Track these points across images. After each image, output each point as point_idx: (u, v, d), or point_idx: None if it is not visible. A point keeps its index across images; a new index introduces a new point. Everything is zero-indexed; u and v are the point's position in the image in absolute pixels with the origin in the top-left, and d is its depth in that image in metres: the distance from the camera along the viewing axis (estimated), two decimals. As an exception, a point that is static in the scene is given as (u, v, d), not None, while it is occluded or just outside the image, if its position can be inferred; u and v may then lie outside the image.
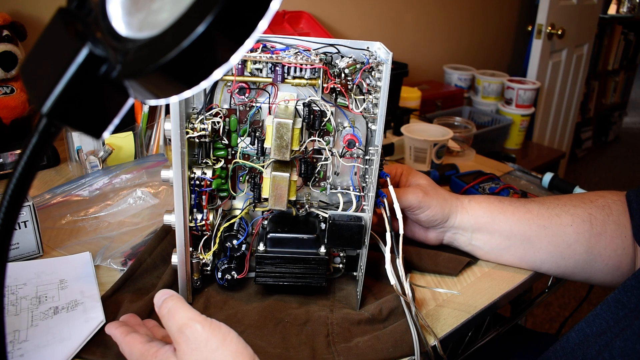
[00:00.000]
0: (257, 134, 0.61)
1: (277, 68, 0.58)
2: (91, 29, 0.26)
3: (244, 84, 0.59)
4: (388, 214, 0.61)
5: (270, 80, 0.59)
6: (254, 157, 0.62)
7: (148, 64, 0.23)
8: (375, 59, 0.58)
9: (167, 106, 0.56)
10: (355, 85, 0.59)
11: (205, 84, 0.25)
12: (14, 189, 0.27)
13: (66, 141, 0.94)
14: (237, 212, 0.64)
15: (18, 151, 0.93)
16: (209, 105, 0.59)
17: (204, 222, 0.61)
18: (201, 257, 0.62)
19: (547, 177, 1.00)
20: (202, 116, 0.57)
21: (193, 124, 0.57)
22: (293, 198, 0.61)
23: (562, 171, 2.55)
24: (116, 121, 0.28)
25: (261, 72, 0.59)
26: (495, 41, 2.45)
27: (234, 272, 0.63)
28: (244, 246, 0.63)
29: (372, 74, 0.59)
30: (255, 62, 0.58)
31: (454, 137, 1.22)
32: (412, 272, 0.72)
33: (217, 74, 0.24)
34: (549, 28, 2.13)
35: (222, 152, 0.61)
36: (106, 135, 0.28)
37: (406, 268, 0.67)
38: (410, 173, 0.74)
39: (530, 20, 2.28)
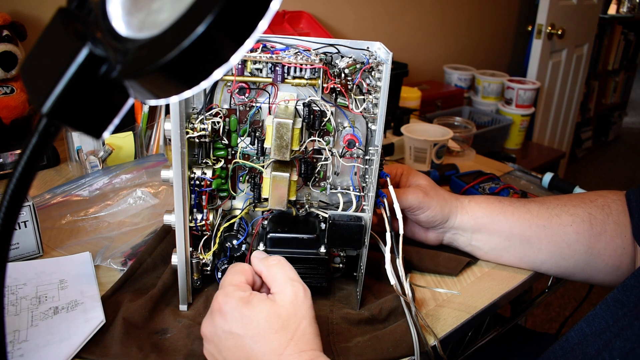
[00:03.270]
0: (257, 134, 0.61)
1: (277, 68, 0.58)
2: (91, 29, 0.26)
3: (244, 84, 0.59)
4: (388, 214, 0.61)
5: (270, 80, 0.59)
6: (254, 157, 0.62)
7: (148, 64, 0.23)
8: (375, 59, 0.58)
9: (167, 106, 0.56)
10: (355, 85, 0.59)
11: (206, 84, 0.25)
12: (14, 189, 0.27)
13: (66, 141, 0.94)
14: (237, 212, 0.64)
15: (18, 151, 0.93)
16: (209, 105, 0.59)
17: (204, 222, 0.61)
18: (201, 257, 0.62)
19: (547, 177, 1.00)
20: (202, 116, 0.57)
21: (193, 124, 0.57)
22: (293, 198, 0.61)
23: (562, 171, 2.55)
24: (116, 121, 0.28)
25: (261, 72, 0.59)
26: (495, 41, 2.45)
27: (234, 272, 0.63)
28: (244, 246, 0.63)
29: (372, 74, 0.59)
30: (255, 62, 0.58)
31: (454, 137, 1.22)
32: (412, 272, 0.72)
33: (217, 74, 0.24)
34: (549, 28, 2.13)
35: (222, 152, 0.61)
36: (106, 135, 0.28)
37: (406, 268, 0.67)
38: (410, 173, 0.74)
39: (530, 20, 2.28)
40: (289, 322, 0.47)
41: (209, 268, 0.63)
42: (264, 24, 0.23)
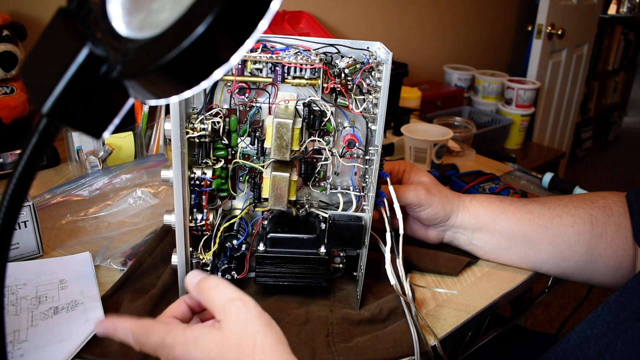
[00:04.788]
0: (257, 134, 0.61)
1: (277, 68, 0.58)
2: (91, 29, 0.26)
3: (244, 84, 0.59)
4: (388, 214, 0.61)
5: (270, 80, 0.59)
6: (254, 157, 0.62)
7: (148, 64, 0.23)
8: (375, 59, 0.58)
9: (167, 106, 0.56)
10: (355, 85, 0.59)
11: (206, 84, 0.25)
12: (14, 189, 0.27)
13: (66, 141, 0.94)
14: (237, 212, 0.64)
15: (18, 151, 0.93)
16: (209, 105, 0.59)
17: (204, 222, 0.61)
18: (201, 257, 0.62)
19: (547, 177, 1.00)
20: (202, 116, 0.57)
21: (193, 124, 0.57)
22: (293, 198, 0.61)
23: (562, 171, 2.55)
24: (116, 121, 0.28)
25: (261, 72, 0.59)
26: (495, 41, 2.45)
27: (234, 272, 0.63)
28: (244, 246, 0.63)
29: (372, 74, 0.59)
30: (255, 62, 0.58)
31: (454, 137, 1.22)
32: (412, 272, 0.72)
33: (217, 74, 0.24)
34: (549, 28, 2.13)
35: (222, 152, 0.61)
36: (106, 135, 0.28)
37: (406, 268, 0.67)
38: (412, 170, 0.74)
39: (530, 20, 2.28)
40: (244, 345, 0.43)
41: (209, 268, 0.63)
42: (264, 24, 0.23)
